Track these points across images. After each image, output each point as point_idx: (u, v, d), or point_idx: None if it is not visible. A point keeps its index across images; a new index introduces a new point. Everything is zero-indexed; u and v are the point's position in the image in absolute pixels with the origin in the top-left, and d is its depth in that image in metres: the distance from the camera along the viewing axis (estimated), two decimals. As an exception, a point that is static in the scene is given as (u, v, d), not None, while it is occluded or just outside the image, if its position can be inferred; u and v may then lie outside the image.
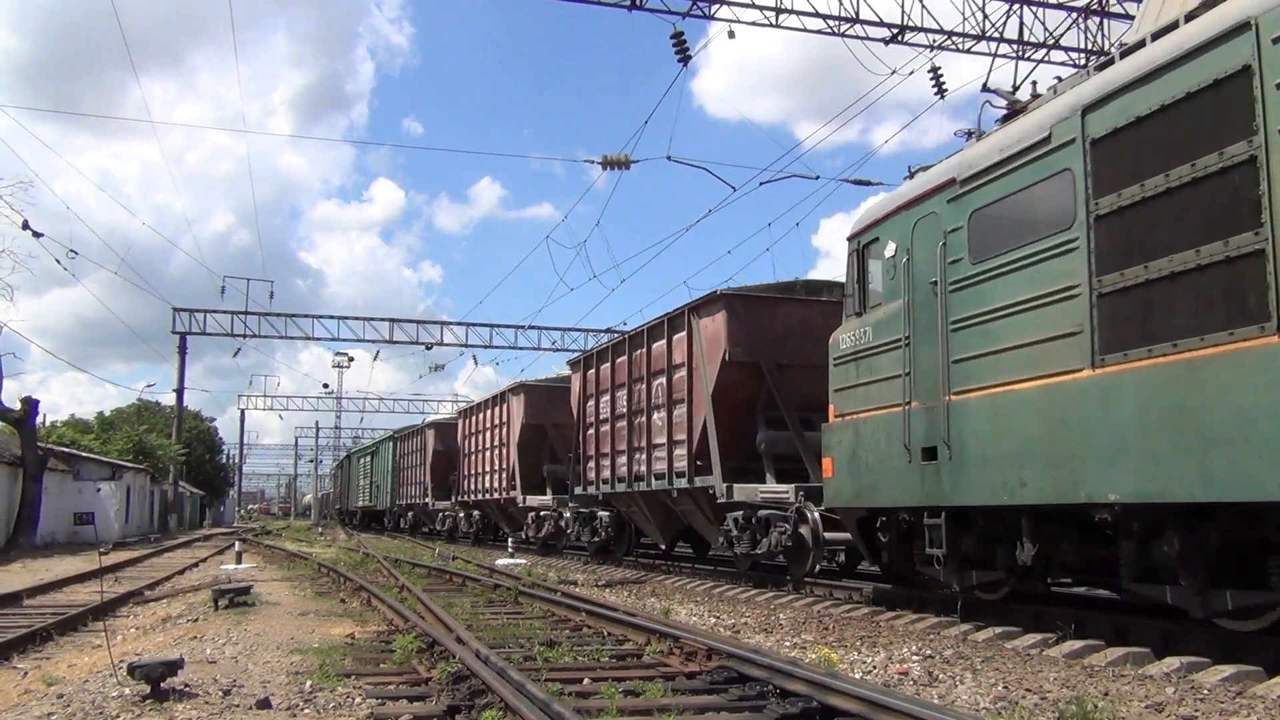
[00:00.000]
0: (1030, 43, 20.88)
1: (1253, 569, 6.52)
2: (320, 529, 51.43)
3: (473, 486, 29.57)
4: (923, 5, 20.16)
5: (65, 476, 34.14)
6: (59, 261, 28.23)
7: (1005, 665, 7.25)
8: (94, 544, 28.33)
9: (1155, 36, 7.06)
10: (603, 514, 19.52)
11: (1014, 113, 8.87)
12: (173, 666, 5.93)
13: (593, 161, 22.08)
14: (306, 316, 43.61)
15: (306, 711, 5.60)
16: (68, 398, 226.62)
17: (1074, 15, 20.98)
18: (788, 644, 8.51)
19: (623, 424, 17.56)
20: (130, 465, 40.84)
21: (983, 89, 9.41)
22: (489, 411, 27.75)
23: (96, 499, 34.92)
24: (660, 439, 15.93)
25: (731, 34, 19.52)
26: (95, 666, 7.49)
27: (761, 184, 21.18)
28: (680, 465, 15.25)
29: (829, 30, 19.91)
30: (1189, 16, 6.80)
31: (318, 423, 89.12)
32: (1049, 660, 7.49)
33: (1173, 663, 6.96)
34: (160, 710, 5.55)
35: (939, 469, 8.70)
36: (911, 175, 10.00)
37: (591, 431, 19.24)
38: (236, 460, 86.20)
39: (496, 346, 45.22)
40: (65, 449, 37.02)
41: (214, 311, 42.11)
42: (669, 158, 21.59)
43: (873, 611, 10.55)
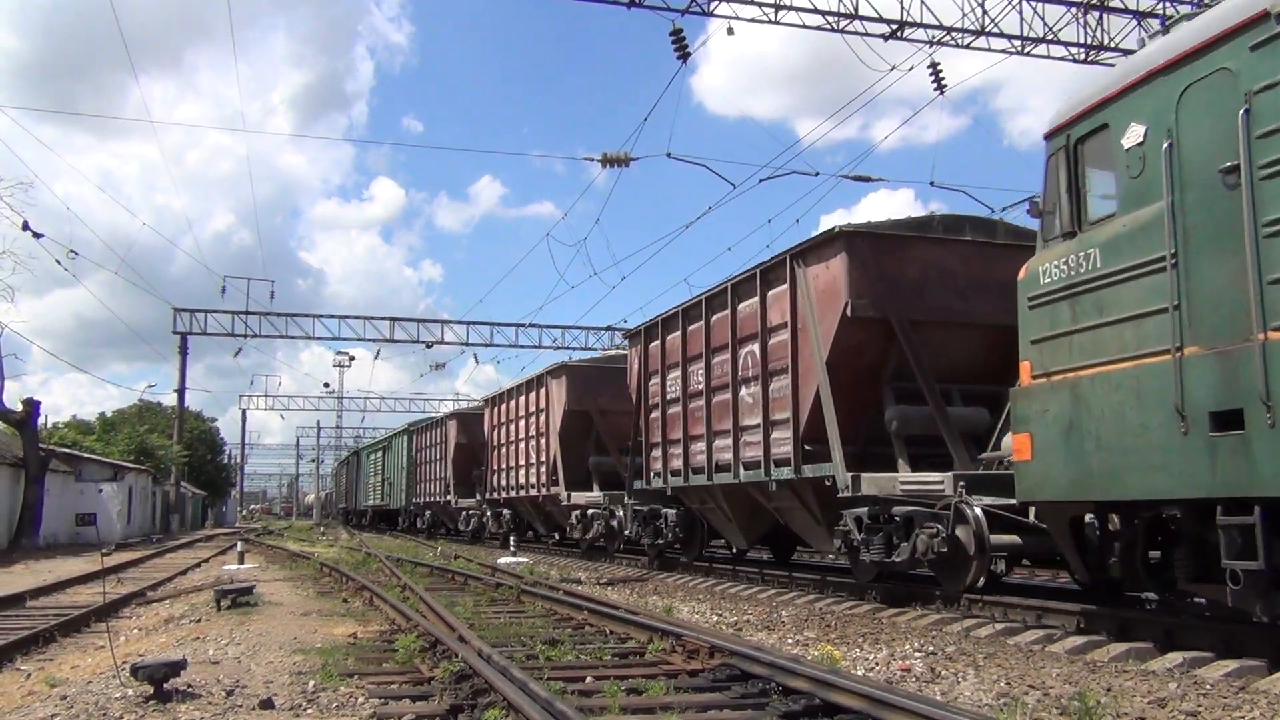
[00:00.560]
0: (1030, 38, 20.87)
1: None
2: (322, 529, 51.46)
3: (503, 482, 26.48)
4: (922, 1, 20.15)
5: (67, 478, 34.15)
6: (59, 262, 28.26)
7: (1008, 661, 7.25)
8: (96, 545, 28.37)
9: None
10: (668, 512, 16.52)
11: None
12: (175, 667, 5.94)
13: (592, 159, 22.10)
14: (307, 316, 43.62)
15: (309, 711, 5.60)
16: (69, 399, 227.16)
17: (1073, 10, 20.96)
18: (790, 641, 8.52)
19: (699, 404, 14.51)
20: (132, 466, 40.85)
21: None
22: (523, 398, 24.51)
23: (98, 500, 34.93)
24: (752, 419, 12.99)
25: (730, 30, 19.49)
26: (98, 667, 7.49)
27: (761, 181, 21.12)
28: (781, 451, 12.32)
29: (828, 26, 19.89)
30: None
31: (319, 422, 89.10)
32: (1051, 656, 7.49)
33: (1175, 658, 6.97)
34: (163, 711, 5.55)
35: (1246, 443, 6.23)
36: (1166, 30, 7.60)
37: (656, 415, 16.22)
38: (238, 460, 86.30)
39: (497, 345, 45.19)
40: (67, 450, 37.02)
41: (215, 311, 42.11)
42: (669, 155, 21.69)
43: (875, 608, 10.56)
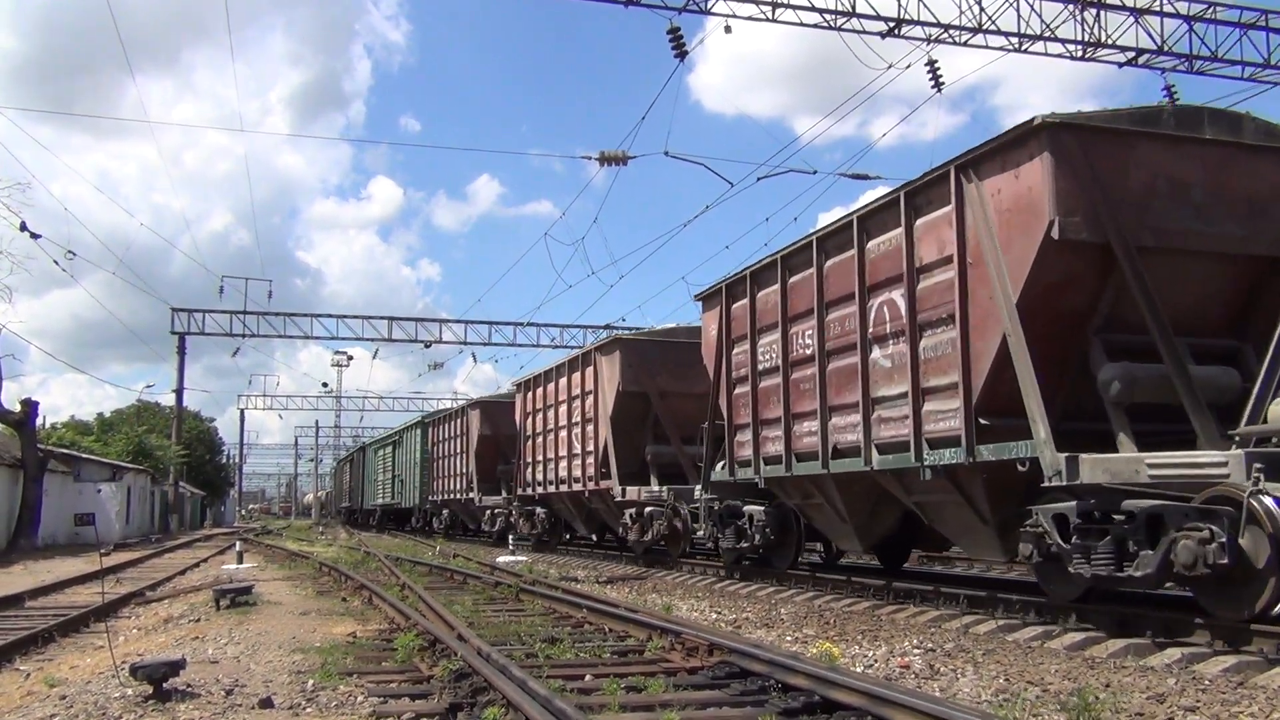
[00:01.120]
0: (1027, 35, 20.87)
1: None
2: (321, 528, 51.46)
3: (538, 477, 23.19)
4: (919, -2, 20.14)
5: (66, 478, 34.14)
6: (57, 263, 28.27)
7: (1007, 658, 7.26)
8: (95, 545, 28.31)
9: None
10: (754, 509, 13.45)
11: None
12: (175, 667, 5.94)
13: (590, 158, 22.15)
14: (305, 315, 43.60)
15: (309, 710, 5.60)
16: (67, 399, 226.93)
17: (1071, 7, 20.96)
18: (789, 639, 8.53)
19: (807, 372, 11.66)
20: (130, 466, 40.84)
21: None
22: (565, 379, 21.26)
23: (97, 500, 34.91)
24: (892, 388, 10.09)
25: (728, 29, 19.49)
26: (97, 667, 7.49)
27: (759, 179, 21.09)
28: (942, 428, 9.30)
29: (825, 24, 19.89)
30: None
31: (318, 422, 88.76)
32: (1050, 652, 7.50)
33: (1174, 654, 6.98)
34: (162, 710, 5.55)
35: None
36: None
37: (744, 390, 13.29)
38: (237, 460, 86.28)
39: (495, 344, 45.19)
40: (65, 450, 37.00)
41: (213, 311, 42.06)
42: (666, 153, 21.48)
43: (874, 605, 10.56)
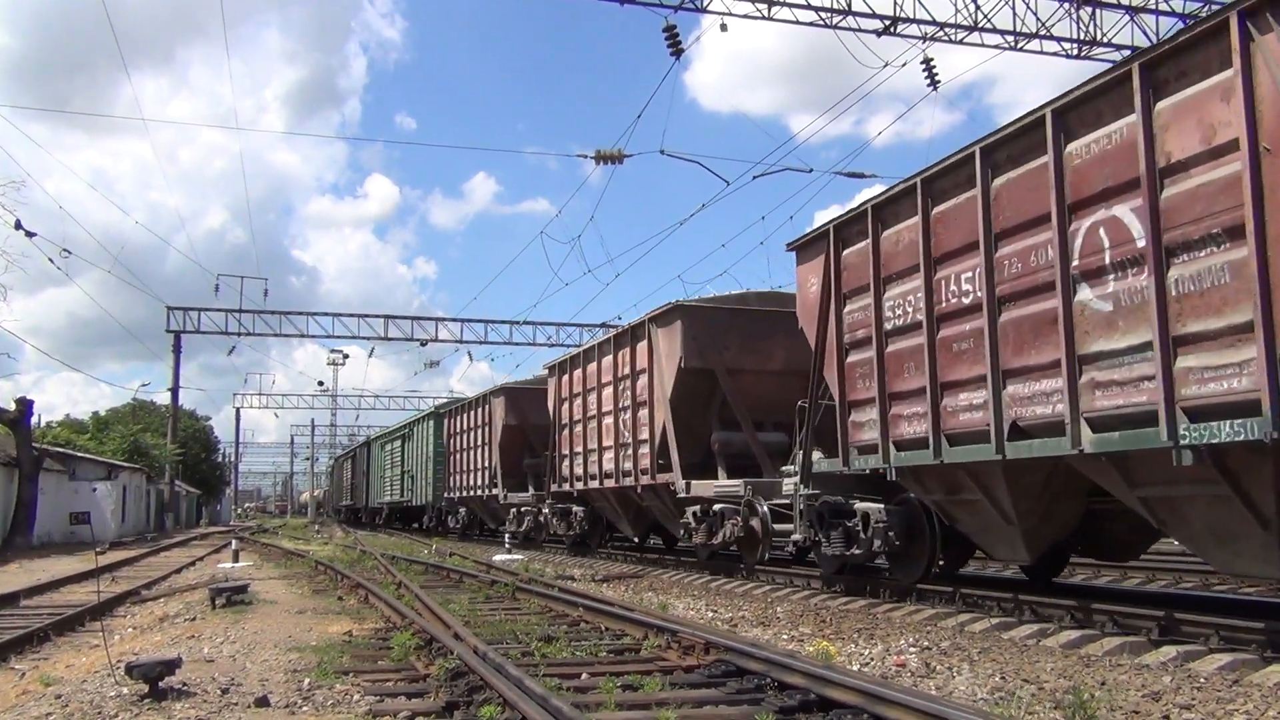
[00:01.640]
0: (1023, 33, 20.90)
1: None
2: (317, 527, 51.43)
3: (577, 470, 20.26)
4: (915, -4, 20.16)
5: (61, 477, 34.08)
6: (52, 261, 28.15)
7: (1002, 656, 7.27)
8: (90, 544, 28.28)
9: None
10: (871, 507, 10.68)
11: None
12: (170, 665, 5.93)
13: (586, 156, 22.09)
14: (301, 314, 43.60)
15: (305, 709, 5.60)
16: (62, 398, 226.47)
17: (1066, 5, 20.99)
18: (785, 637, 8.53)
19: (965, 328, 9.03)
20: (126, 465, 40.78)
21: None
22: (610, 358, 18.45)
23: (92, 499, 34.86)
24: (1117, 339, 7.49)
25: (724, 27, 19.52)
26: (93, 666, 7.48)
27: (755, 177, 21.05)
28: (1218, 390, 6.71)
29: (821, 22, 19.91)
30: None
31: (313, 420, 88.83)
32: (1046, 650, 7.51)
33: (1169, 652, 6.99)
34: (158, 709, 5.55)
35: None
36: None
37: (862, 357, 10.54)
38: (232, 459, 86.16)
39: (491, 342, 45.32)
40: (61, 449, 36.94)
41: (208, 310, 42.06)
42: (662, 152, 21.48)
43: (870, 604, 10.57)
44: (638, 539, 20.12)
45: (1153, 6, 21.25)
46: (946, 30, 20.50)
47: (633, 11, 19.49)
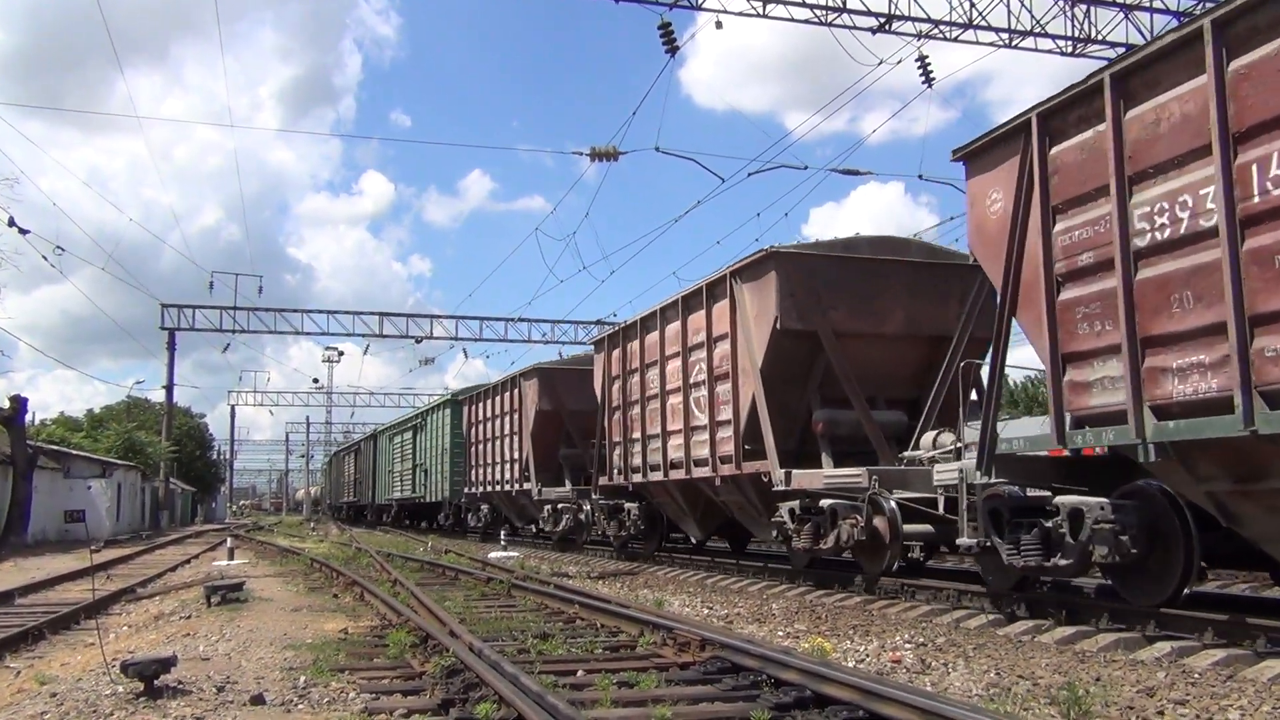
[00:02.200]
0: (1017, 30, 20.92)
1: None
2: (313, 525, 51.38)
3: (632, 461, 17.04)
4: (910, -6, 20.17)
5: (55, 474, 34.01)
6: (46, 258, 28.16)
7: (997, 652, 7.29)
8: (85, 542, 28.25)
9: None
10: (1088, 502, 7.84)
11: None
12: (166, 664, 5.92)
13: (581, 153, 22.07)
14: (296, 311, 43.40)
15: (300, 707, 5.60)
16: (57, 395, 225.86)
17: (1060, 3, 21.02)
18: (781, 634, 8.54)
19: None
20: (120, 462, 40.70)
21: None
22: (676, 325, 15.11)
23: (87, 496, 34.81)
24: None
25: (719, 24, 19.53)
26: (88, 665, 7.48)
27: (750, 175, 21.04)
28: None
29: (816, 20, 19.91)
30: None
31: (308, 418, 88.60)
32: (1041, 646, 7.54)
33: (1164, 647, 7.01)
34: (154, 707, 5.54)
35: None
36: None
37: (1090, 292, 7.55)
38: (227, 456, 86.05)
39: (486, 339, 45.21)
40: (55, 447, 36.86)
41: (203, 307, 41.91)
42: (657, 149, 21.44)
43: (865, 600, 10.59)
44: (702, 540, 17.47)
45: (1146, 4, 21.28)
46: (941, 28, 20.51)
47: (628, 9, 19.47)
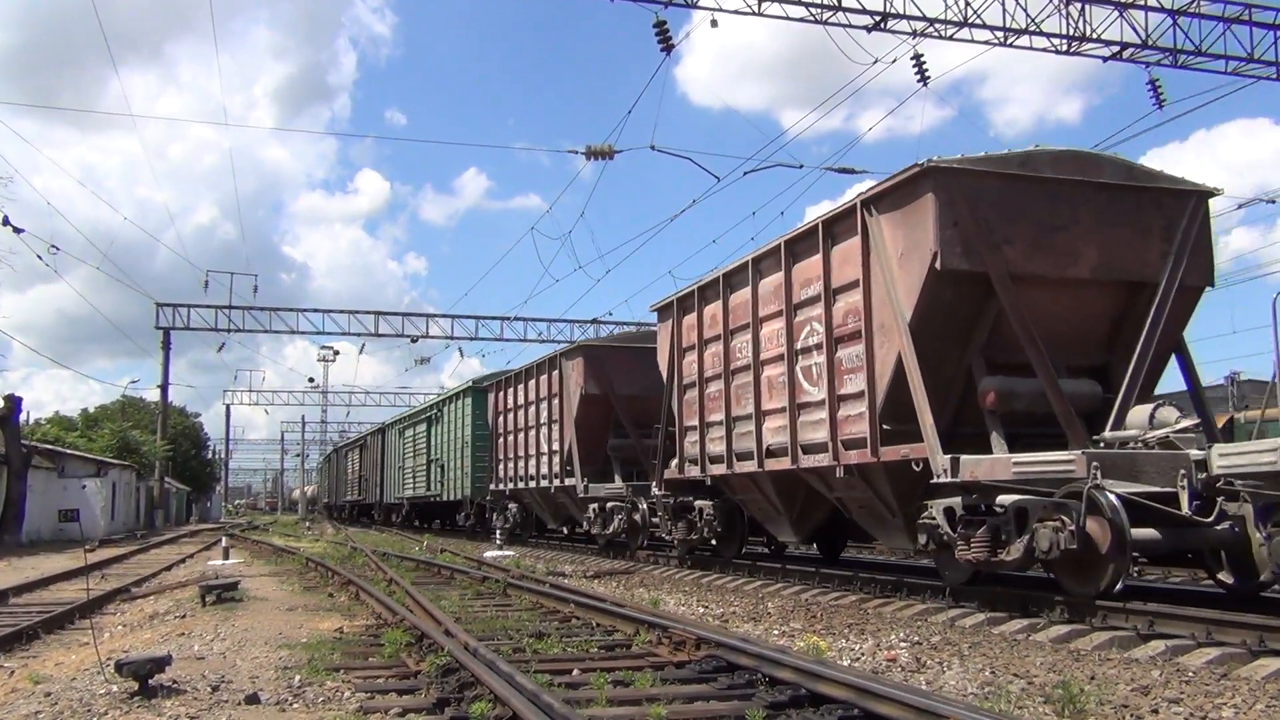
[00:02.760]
0: (1012, 29, 20.92)
1: None
2: (308, 524, 51.33)
3: (709, 450, 14.17)
4: (905, -8, 20.16)
5: (50, 474, 33.93)
6: (40, 257, 28.04)
7: (992, 650, 7.30)
8: (80, 541, 28.22)
9: None
10: None
11: None
12: (160, 663, 5.91)
13: (576, 152, 22.00)
14: (291, 310, 43.28)
15: (295, 706, 5.59)
16: (51, 394, 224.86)
17: (1055, 1, 21.02)
18: (776, 632, 8.55)
19: None
20: (115, 462, 40.62)
21: None
22: (779, 276, 12.06)
23: (82, 496, 34.73)
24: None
25: (714, 23, 19.50)
26: (82, 664, 7.46)
27: (746, 173, 21.00)
28: None
29: (811, 19, 19.89)
30: None
31: (304, 417, 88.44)
32: (1036, 645, 7.55)
33: (1158, 646, 7.03)
34: (148, 707, 5.53)
35: None
36: None
37: None
38: (222, 455, 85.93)
39: (482, 339, 45.14)
40: (49, 446, 36.77)
41: (198, 306, 41.83)
42: (653, 147, 21.34)
43: (860, 599, 10.60)
44: (795, 545, 15.12)
45: (1141, 3, 21.29)
46: (936, 26, 20.48)
47: (623, 7, 19.45)
